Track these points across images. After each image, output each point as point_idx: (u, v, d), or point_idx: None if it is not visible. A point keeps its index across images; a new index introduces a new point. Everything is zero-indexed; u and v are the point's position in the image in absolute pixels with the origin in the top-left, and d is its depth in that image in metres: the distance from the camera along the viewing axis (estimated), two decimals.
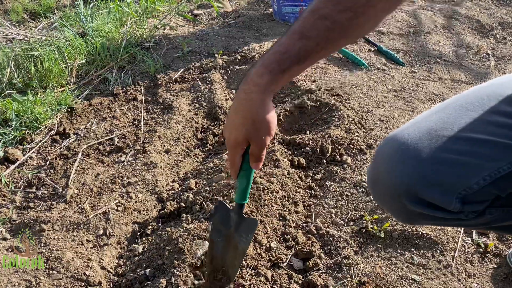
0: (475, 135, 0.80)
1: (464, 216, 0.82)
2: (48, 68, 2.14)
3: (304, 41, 0.78)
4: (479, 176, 0.78)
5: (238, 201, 1.03)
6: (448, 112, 0.86)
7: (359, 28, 0.79)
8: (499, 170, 0.77)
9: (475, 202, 0.80)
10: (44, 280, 1.20)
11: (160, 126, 1.92)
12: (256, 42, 2.65)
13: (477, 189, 0.78)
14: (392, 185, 0.83)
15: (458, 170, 0.78)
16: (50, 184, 1.59)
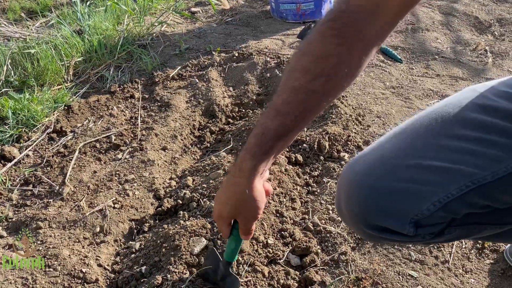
0: (425, 162, 0.81)
1: (421, 238, 0.85)
2: (45, 66, 2.14)
3: (281, 118, 0.77)
4: (429, 202, 0.80)
5: (226, 259, 1.09)
6: (402, 137, 0.87)
7: (338, 87, 0.78)
8: (447, 196, 0.79)
9: (430, 225, 0.83)
10: (41, 277, 1.20)
11: (157, 123, 1.91)
12: (254, 39, 2.65)
13: (428, 214, 0.80)
14: (350, 214, 0.88)
15: (408, 197, 0.81)
16: (47, 181, 1.59)
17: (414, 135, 0.86)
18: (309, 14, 2.86)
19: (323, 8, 2.89)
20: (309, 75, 0.74)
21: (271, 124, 0.78)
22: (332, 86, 0.75)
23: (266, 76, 2.24)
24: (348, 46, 0.72)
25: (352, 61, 0.74)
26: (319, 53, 0.73)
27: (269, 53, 2.43)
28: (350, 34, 0.71)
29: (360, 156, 0.89)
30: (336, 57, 0.72)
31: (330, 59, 0.72)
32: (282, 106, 0.77)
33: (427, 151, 0.82)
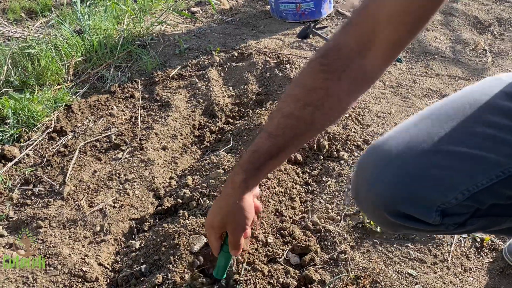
0: (454, 148, 0.80)
1: (444, 228, 0.84)
2: (45, 66, 2.14)
3: (272, 140, 0.84)
4: (457, 191, 0.79)
5: (214, 276, 1.11)
6: (430, 122, 0.86)
7: (326, 117, 0.82)
8: (477, 185, 0.78)
9: (455, 215, 0.82)
10: (41, 276, 1.20)
11: (157, 123, 1.92)
12: (253, 39, 2.65)
13: (456, 203, 0.79)
14: (373, 199, 0.85)
15: (436, 185, 0.79)
16: (47, 181, 1.59)
17: (442, 119, 0.85)
18: (309, 13, 2.87)
19: (323, 7, 2.90)
20: (299, 104, 0.80)
21: (263, 144, 0.85)
22: (320, 115, 0.80)
23: (265, 76, 2.24)
24: (336, 81, 0.77)
25: (340, 94, 0.79)
26: (309, 85, 0.80)
27: (268, 52, 2.43)
28: (338, 70, 0.77)
29: (385, 140, 0.86)
30: (324, 90, 0.78)
31: (318, 91, 0.79)
32: (274, 129, 0.84)
33: (457, 137, 0.81)
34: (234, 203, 0.92)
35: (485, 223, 0.85)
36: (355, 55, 0.76)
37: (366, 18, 0.76)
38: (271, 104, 2.01)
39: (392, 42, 0.75)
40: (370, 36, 0.75)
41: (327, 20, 2.96)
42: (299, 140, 0.86)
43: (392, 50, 0.76)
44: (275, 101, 2.04)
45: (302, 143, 0.90)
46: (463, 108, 0.85)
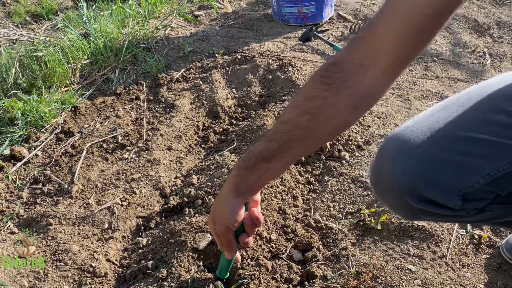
0: (476, 135, 0.81)
1: (465, 213, 0.85)
2: (52, 68, 2.19)
3: (267, 143, 0.87)
4: (479, 175, 0.80)
5: (218, 275, 1.17)
6: (450, 111, 0.88)
7: (321, 128, 0.82)
8: (498, 170, 0.79)
9: (476, 200, 0.83)
10: (52, 271, 1.24)
11: (163, 124, 1.96)
12: (256, 42, 2.70)
13: (478, 187, 0.81)
14: (395, 183, 0.85)
15: (459, 169, 0.81)
16: (56, 180, 1.63)
17: (462, 109, 0.87)
18: (311, 17, 2.92)
19: (324, 11, 2.94)
20: (297, 111, 0.83)
21: (258, 146, 0.88)
22: (315, 124, 0.82)
23: (268, 78, 2.29)
24: (334, 92, 0.79)
25: (338, 106, 0.80)
26: (307, 94, 0.83)
27: (271, 55, 2.48)
28: (337, 82, 0.79)
29: (405, 128, 0.88)
30: (322, 99, 0.80)
31: (316, 101, 0.81)
32: (271, 133, 0.87)
33: (477, 125, 0.83)
34: (221, 201, 0.96)
35: (503, 211, 0.86)
36: (356, 70, 0.78)
37: (371, 34, 0.78)
38: (273, 106, 2.05)
39: (396, 58, 0.76)
40: (373, 52, 0.77)
41: (328, 24, 3.01)
42: (292, 148, 0.86)
43: (395, 66, 0.78)
44: (278, 102, 2.08)
45: (296, 152, 0.88)
46: (480, 98, 0.88)
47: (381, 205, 1.46)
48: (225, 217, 0.96)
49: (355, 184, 1.58)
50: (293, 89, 2.16)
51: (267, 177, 0.92)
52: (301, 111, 0.82)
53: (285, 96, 2.12)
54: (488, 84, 0.92)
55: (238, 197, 0.93)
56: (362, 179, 1.58)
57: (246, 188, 0.93)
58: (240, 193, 0.93)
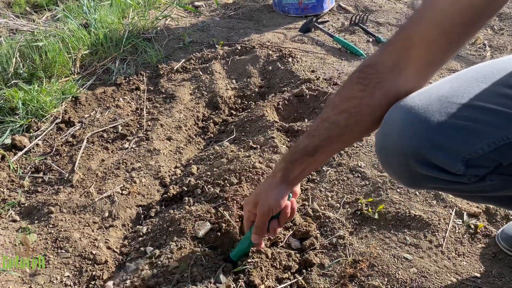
0: (484, 104, 0.83)
1: (467, 180, 0.87)
2: (53, 58, 2.19)
3: (310, 139, 0.98)
4: (484, 142, 0.81)
5: (230, 256, 1.21)
6: (459, 82, 0.90)
7: (358, 125, 0.91)
8: (503, 138, 0.81)
9: (478, 167, 0.84)
10: (53, 258, 1.26)
11: (162, 114, 1.97)
12: (256, 33, 2.70)
13: (481, 154, 0.82)
14: (401, 146, 0.87)
15: (464, 135, 0.82)
16: (57, 169, 1.65)
17: (472, 81, 0.89)
18: (311, 8, 2.91)
19: (325, 2, 2.94)
20: (336, 110, 0.93)
21: (302, 141, 1.00)
22: (353, 122, 0.91)
23: (268, 69, 2.29)
24: (370, 92, 0.88)
25: (373, 105, 0.88)
26: (345, 95, 0.93)
27: (271, 46, 2.48)
28: (371, 83, 0.87)
29: (414, 95, 0.88)
30: (358, 99, 0.89)
31: (353, 100, 0.90)
32: (313, 129, 0.99)
33: (486, 95, 0.84)
34: (268, 185, 1.06)
35: (502, 183, 0.88)
36: (389, 72, 0.86)
37: (402, 39, 0.86)
38: (273, 97, 2.06)
39: (426, 62, 0.83)
40: (405, 55, 0.84)
41: (329, 15, 3.00)
42: (332, 143, 0.96)
43: (426, 69, 0.85)
44: (277, 93, 2.09)
45: (336, 146, 1.00)
46: (490, 72, 0.90)
47: (378, 194, 1.47)
48: (270, 200, 1.06)
49: (353, 174, 1.59)
50: (293, 80, 2.17)
51: (310, 168, 1.04)
52: (340, 110, 0.92)
53: (285, 87, 2.13)
54: (498, 61, 0.94)
55: (286, 185, 1.05)
56: (360, 170, 1.59)
57: (293, 178, 1.04)
58: (288, 182, 1.04)
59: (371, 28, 2.81)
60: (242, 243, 1.19)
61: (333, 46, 2.58)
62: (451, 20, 0.80)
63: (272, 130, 1.78)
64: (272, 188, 1.06)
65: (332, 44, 2.60)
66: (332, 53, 2.50)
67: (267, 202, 1.07)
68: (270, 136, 1.74)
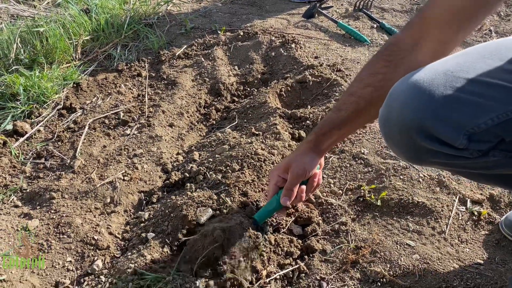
0: (489, 79, 0.83)
1: (469, 154, 0.86)
2: (54, 44, 2.17)
3: (338, 113, 1.07)
4: (487, 116, 0.82)
5: (255, 216, 1.23)
6: (466, 57, 0.91)
7: (383, 99, 0.93)
8: (506, 113, 0.81)
9: (481, 141, 0.84)
10: (55, 243, 1.26)
11: (164, 101, 1.96)
12: (259, 18, 2.67)
13: (484, 128, 0.82)
14: (404, 119, 0.87)
15: (468, 109, 0.83)
16: (58, 155, 1.64)
17: (478, 57, 0.90)
18: None
19: None
20: (361, 84, 1.01)
21: (330, 115, 1.09)
22: (377, 95, 0.96)
23: (271, 55, 2.27)
24: (393, 68, 0.95)
25: (396, 78, 0.91)
26: (370, 70, 1.01)
27: (274, 32, 2.45)
28: (395, 59, 0.96)
29: (420, 70, 0.90)
30: (383, 74, 0.97)
31: (378, 76, 0.98)
32: (340, 104, 1.07)
33: (492, 71, 0.85)
34: (300, 153, 1.15)
35: (503, 160, 0.87)
36: (410, 49, 0.94)
37: (419, 20, 0.95)
38: (275, 83, 2.04)
39: (440, 41, 0.91)
40: (421, 34, 0.93)
41: (332, 0, 2.96)
42: (359, 117, 1.04)
43: (440, 48, 0.92)
44: (280, 80, 2.07)
45: (362, 120, 1.08)
46: (497, 49, 0.91)
47: (381, 181, 1.46)
48: (305, 163, 1.14)
49: (356, 161, 1.58)
50: (296, 67, 2.15)
51: (338, 140, 1.16)
52: (365, 84, 0.99)
53: (288, 74, 2.11)
54: (505, 39, 0.96)
55: (316, 154, 1.14)
56: (363, 156, 1.58)
57: (323, 149, 1.14)
58: (318, 151, 1.14)
59: (375, 14, 2.77)
60: (268, 206, 1.21)
61: (337, 32, 2.55)
62: (462, 3, 0.86)
63: (274, 117, 1.76)
64: (305, 155, 1.14)
65: (335, 30, 2.57)
66: (336, 39, 2.47)
67: (302, 165, 1.13)
68: (272, 122, 1.72)
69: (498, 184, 1.17)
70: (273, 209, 1.20)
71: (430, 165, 1.09)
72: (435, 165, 1.00)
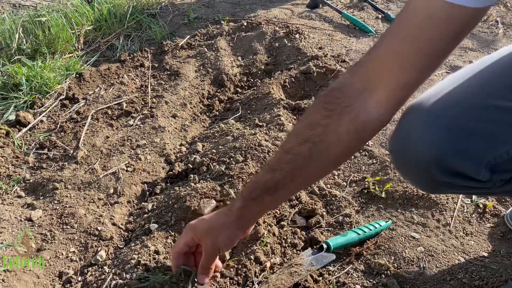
0: (504, 103, 0.78)
1: (491, 185, 0.82)
2: (56, 34, 2.16)
3: (271, 173, 0.84)
4: (509, 145, 0.77)
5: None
6: (478, 78, 0.84)
7: (323, 156, 0.80)
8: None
9: (504, 171, 0.80)
10: (59, 234, 1.26)
11: (167, 92, 1.95)
12: (263, 8, 2.64)
13: (507, 158, 0.78)
14: (421, 155, 0.82)
15: (488, 139, 0.78)
16: (61, 146, 1.64)
17: (490, 75, 0.83)
18: None
19: None
20: (299, 139, 0.81)
21: (263, 176, 0.86)
22: (317, 152, 0.79)
23: (274, 46, 2.25)
24: (336, 119, 0.77)
25: (340, 132, 0.77)
26: (309, 121, 0.81)
27: (278, 22, 2.43)
28: (339, 107, 0.77)
29: (428, 98, 0.83)
30: (324, 127, 0.78)
31: (317, 128, 0.78)
32: (274, 163, 0.85)
33: (506, 92, 0.79)
34: (222, 225, 0.93)
35: None
36: (358, 95, 0.75)
37: (373, 59, 0.76)
38: (279, 74, 2.02)
39: (399, 83, 0.73)
40: (375, 76, 0.74)
41: None
42: (297, 177, 0.84)
43: (399, 91, 0.75)
44: (284, 71, 2.05)
45: (301, 181, 0.87)
46: (504, 66, 0.84)
47: (385, 173, 1.45)
48: (221, 241, 0.94)
49: (360, 153, 1.57)
50: (300, 57, 2.13)
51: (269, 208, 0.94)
52: (303, 139, 0.80)
53: (292, 64, 2.09)
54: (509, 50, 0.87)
55: (239, 229, 0.94)
56: (368, 148, 1.57)
57: (247, 220, 0.94)
58: (242, 226, 0.94)
59: (380, 4, 2.74)
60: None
61: (341, 23, 2.52)
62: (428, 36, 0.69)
63: (278, 108, 1.75)
64: (225, 228, 0.93)
65: (340, 21, 2.54)
66: (340, 29, 2.45)
67: (218, 243, 0.94)
68: (276, 114, 1.71)
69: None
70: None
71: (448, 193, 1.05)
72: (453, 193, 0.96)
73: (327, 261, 1.16)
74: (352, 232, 1.22)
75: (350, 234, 1.22)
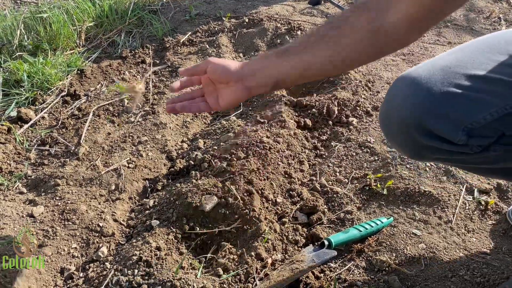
0: (488, 74, 0.82)
1: (469, 150, 0.85)
2: (57, 30, 2.16)
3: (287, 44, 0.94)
4: (486, 111, 0.80)
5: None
6: (464, 52, 0.88)
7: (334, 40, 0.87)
8: (506, 107, 0.80)
9: (481, 136, 0.83)
10: (61, 230, 1.26)
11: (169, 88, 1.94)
12: (264, 5, 2.63)
13: (484, 123, 0.81)
14: (403, 117, 0.86)
15: (467, 104, 0.81)
16: (63, 142, 1.64)
17: (477, 51, 0.87)
18: None
19: None
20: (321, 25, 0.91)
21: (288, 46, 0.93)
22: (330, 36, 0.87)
23: (276, 42, 2.24)
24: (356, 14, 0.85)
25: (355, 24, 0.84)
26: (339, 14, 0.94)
27: (279, 19, 2.42)
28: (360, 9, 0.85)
29: (419, 66, 0.88)
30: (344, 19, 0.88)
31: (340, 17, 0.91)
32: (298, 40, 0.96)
33: (490, 66, 0.83)
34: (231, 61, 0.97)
35: (505, 154, 0.86)
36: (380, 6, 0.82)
37: None
38: None
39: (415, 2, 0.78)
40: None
41: None
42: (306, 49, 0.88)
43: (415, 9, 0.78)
44: None
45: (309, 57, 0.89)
46: (497, 42, 0.88)
47: (387, 170, 1.45)
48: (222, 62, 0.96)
49: (362, 149, 1.56)
50: None
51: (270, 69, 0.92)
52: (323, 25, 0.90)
53: None
54: (505, 32, 0.92)
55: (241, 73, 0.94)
56: (370, 145, 1.57)
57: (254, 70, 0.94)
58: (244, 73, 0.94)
59: None
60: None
61: None
62: None
63: (280, 105, 1.75)
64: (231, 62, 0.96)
65: None
66: None
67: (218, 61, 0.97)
68: (278, 110, 1.71)
69: (504, 177, 1.15)
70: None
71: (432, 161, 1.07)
72: (437, 161, 0.99)
73: (329, 257, 1.16)
74: (353, 229, 1.22)
75: (352, 231, 1.22)
